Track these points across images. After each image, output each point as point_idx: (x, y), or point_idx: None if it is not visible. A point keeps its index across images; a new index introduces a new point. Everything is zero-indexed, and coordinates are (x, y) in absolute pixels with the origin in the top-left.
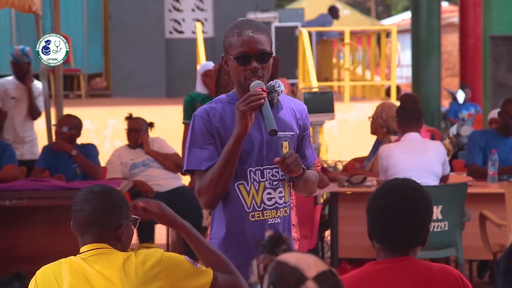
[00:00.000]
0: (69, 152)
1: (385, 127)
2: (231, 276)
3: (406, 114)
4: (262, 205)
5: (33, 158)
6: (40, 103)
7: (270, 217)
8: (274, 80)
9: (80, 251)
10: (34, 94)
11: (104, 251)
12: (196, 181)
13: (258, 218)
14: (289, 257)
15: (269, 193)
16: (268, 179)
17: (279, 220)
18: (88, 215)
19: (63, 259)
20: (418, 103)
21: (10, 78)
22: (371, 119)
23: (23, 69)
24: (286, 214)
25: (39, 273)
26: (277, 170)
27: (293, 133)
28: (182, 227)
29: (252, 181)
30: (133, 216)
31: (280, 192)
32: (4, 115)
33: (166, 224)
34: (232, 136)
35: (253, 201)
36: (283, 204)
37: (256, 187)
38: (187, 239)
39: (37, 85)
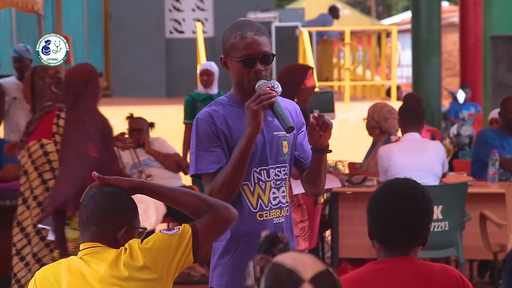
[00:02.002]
0: None
1: (378, 128)
2: (211, 213)
3: (407, 114)
4: (269, 204)
5: None
6: None
7: (275, 216)
8: (272, 80)
9: (80, 249)
10: None
11: (97, 250)
12: (205, 184)
13: (266, 218)
14: (285, 259)
15: (273, 193)
16: (272, 179)
17: (283, 220)
18: (90, 212)
19: (62, 259)
20: (421, 103)
21: (11, 78)
22: (365, 121)
23: (25, 65)
24: (288, 214)
25: (38, 273)
26: (279, 169)
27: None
28: (141, 184)
29: (257, 181)
30: (141, 227)
31: (283, 192)
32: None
33: (126, 188)
34: (244, 136)
35: (259, 200)
36: (286, 204)
37: (263, 187)
38: (154, 196)
39: None
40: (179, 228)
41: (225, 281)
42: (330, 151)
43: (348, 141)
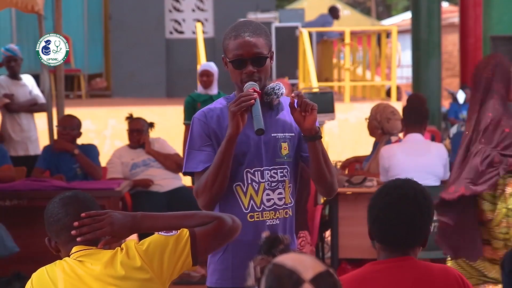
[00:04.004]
0: (71, 152)
1: (380, 128)
2: (213, 222)
3: (410, 115)
4: (262, 206)
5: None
6: (37, 96)
7: (269, 218)
8: (276, 82)
9: (71, 253)
10: (28, 89)
11: (91, 252)
12: (195, 182)
13: (258, 219)
14: (286, 259)
15: (268, 194)
16: (267, 180)
17: (278, 222)
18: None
19: (57, 261)
20: (425, 104)
21: (2, 77)
22: (367, 121)
23: (19, 64)
24: (287, 216)
25: (35, 275)
26: (276, 171)
27: (292, 134)
28: (140, 222)
29: (250, 182)
30: None
31: (280, 194)
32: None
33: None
34: (225, 138)
35: (251, 202)
36: (283, 206)
37: (256, 188)
38: (154, 229)
39: (27, 80)
40: (177, 231)
41: (215, 279)
42: (321, 137)
43: (348, 142)
